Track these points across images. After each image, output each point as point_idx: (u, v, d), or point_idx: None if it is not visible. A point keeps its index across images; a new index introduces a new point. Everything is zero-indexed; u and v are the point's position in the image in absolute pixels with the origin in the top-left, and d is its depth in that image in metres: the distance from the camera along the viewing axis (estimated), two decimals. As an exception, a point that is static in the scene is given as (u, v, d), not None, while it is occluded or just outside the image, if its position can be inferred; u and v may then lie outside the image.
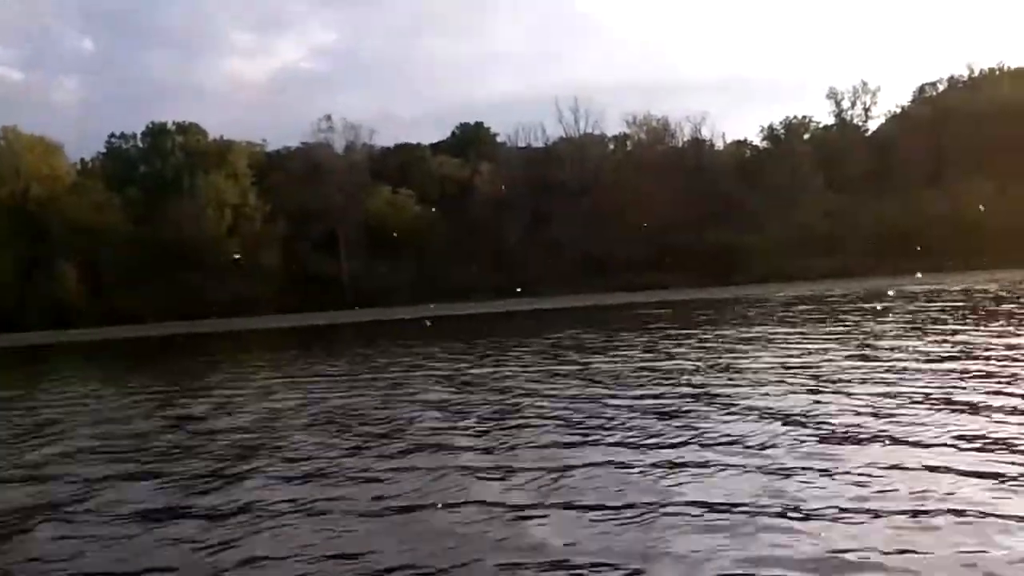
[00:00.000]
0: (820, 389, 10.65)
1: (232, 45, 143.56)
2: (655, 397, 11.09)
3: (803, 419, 8.66)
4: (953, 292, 34.69)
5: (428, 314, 45.51)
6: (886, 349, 15.01)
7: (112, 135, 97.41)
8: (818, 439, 7.72)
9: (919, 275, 53.38)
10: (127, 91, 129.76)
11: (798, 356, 14.74)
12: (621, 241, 79.27)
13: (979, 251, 67.67)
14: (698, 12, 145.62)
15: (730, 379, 12.43)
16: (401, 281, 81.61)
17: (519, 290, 67.46)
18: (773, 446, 7.56)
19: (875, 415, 8.60)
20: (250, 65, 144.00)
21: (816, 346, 16.43)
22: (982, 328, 18.13)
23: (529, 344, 22.88)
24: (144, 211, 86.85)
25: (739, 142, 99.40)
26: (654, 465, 7.16)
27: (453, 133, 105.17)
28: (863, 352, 14.70)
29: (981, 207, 65.52)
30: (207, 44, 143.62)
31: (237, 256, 78.76)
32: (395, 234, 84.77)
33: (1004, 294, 31.08)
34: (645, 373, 13.92)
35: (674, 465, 7.12)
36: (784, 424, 8.50)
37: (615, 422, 9.34)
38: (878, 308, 27.80)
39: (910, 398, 9.45)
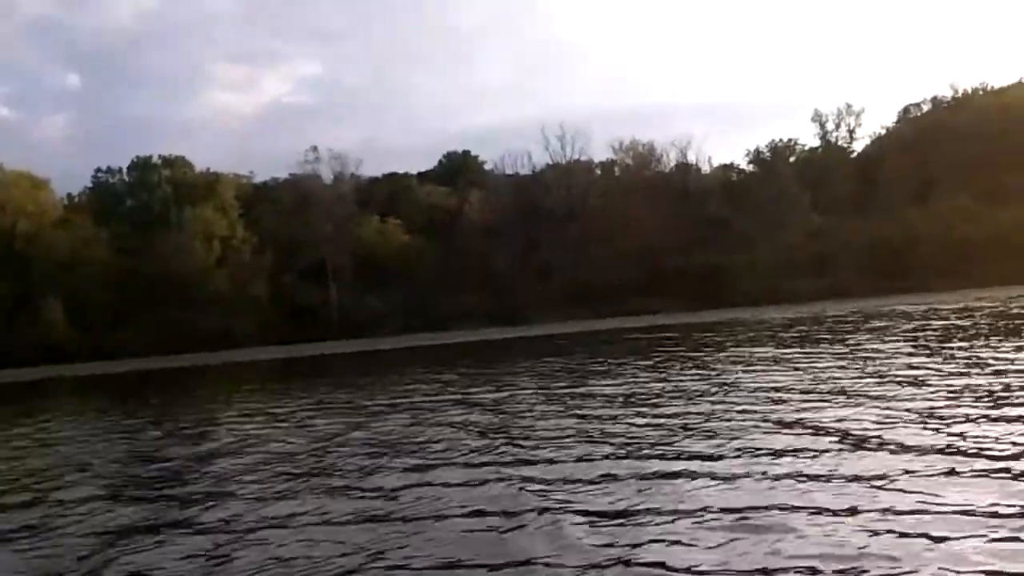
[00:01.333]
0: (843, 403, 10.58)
1: (219, 79, 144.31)
2: (676, 416, 10.99)
3: (831, 431, 8.58)
4: (947, 310, 34.72)
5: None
6: (898, 366, 14.95)
7: (98, 169, 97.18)
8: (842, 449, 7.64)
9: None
10: (115, 126, 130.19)
11: (815, 375, 14.65)
12: (609, 266, 79.30)
13: (966, 269, 67.87)
14: (683, 39, 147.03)
15: (751, 397, 12.33)
16: (390, 311, 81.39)
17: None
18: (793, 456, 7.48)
19: (894, 426, 8.52)
20: (237, 98, 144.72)
21: (830, 364, 16.39)
22: (986, 344, 18.10)
23: (530, 370, 22.73)
24: (131, 245, 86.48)
25: (726, 166, 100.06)
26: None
27: (440, 162, 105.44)
28: (877, 369, 14.63)
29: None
30: (194, 78, 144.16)
31: None
32: (384, 264, 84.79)
33: (999, 310, 31.09)
34: (663, 394, 13.80)
35: (698, 475, 7.15)
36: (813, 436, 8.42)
37: (633, 438, 9.26)
38: (878, 326, 27.80)
39: (926, 411, 9.39)
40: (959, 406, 9.70)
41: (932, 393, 10.95)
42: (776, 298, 68.77)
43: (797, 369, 16.03)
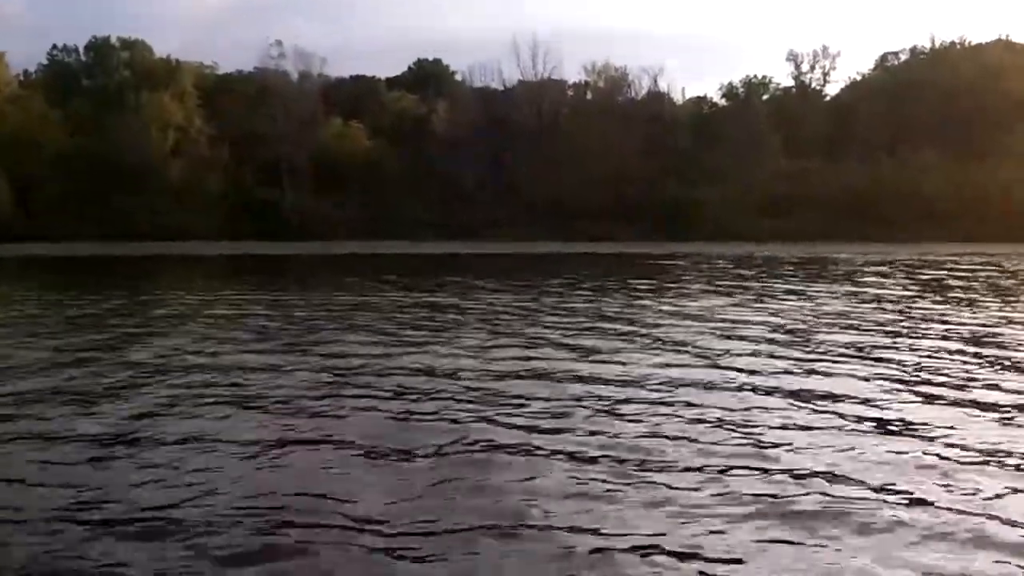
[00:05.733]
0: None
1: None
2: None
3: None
4: (930, 263, 34.55)
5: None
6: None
7: (54, 47, 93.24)
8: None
9: None
10: (76, 5, 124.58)
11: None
12: (577, 188, 77.91)
13: (932, 223, 68.00)
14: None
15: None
16: (348, 216, 79.69)
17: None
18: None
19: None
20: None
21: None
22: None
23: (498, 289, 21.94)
24: (85, 127, 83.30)
25: (698, 98, 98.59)
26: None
27: (410, 68, 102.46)
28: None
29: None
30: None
31: None
32: (345, 167, 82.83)
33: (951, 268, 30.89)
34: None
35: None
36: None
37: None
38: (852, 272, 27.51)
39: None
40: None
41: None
42: (740, 236, 68.33)
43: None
